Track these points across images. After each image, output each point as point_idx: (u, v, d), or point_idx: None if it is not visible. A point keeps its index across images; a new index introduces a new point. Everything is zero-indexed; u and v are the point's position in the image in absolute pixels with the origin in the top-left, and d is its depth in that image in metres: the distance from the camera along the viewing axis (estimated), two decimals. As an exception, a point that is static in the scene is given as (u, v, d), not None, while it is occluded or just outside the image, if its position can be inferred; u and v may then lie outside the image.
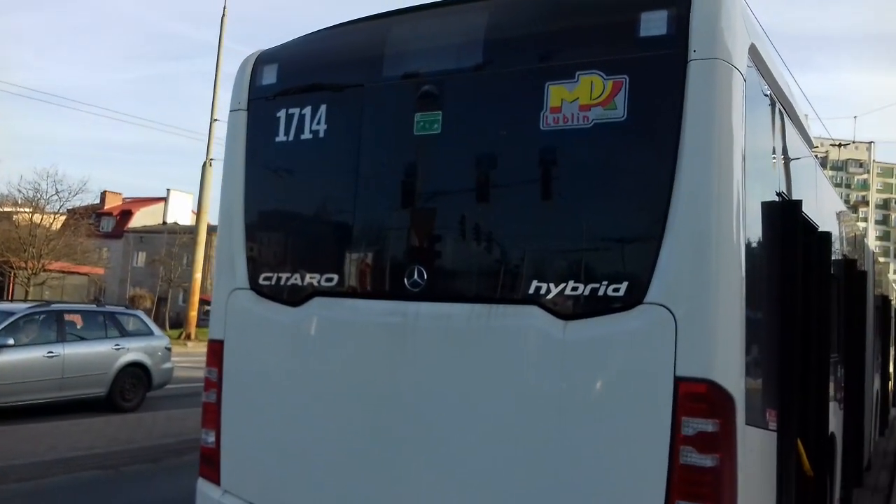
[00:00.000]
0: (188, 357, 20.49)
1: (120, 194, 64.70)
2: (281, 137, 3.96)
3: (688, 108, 3.00)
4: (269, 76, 4.10)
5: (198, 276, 27.00)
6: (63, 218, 39.21)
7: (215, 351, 4.07)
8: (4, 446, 8.23)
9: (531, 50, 3.43)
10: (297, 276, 3.83)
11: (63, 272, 34.55)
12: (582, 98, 3.20)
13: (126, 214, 61.64)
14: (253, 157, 4.09)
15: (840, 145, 40.17)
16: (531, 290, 3.20)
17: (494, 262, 3.42)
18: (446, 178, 3.57)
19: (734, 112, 3.05)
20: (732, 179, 3.02)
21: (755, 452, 3.19)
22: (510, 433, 3.21)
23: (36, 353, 10.70)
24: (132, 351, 11.93)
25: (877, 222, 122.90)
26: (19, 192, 38.34)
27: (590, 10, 3.40)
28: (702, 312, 2.94)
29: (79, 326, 11.69)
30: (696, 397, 2.88)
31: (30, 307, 11.47)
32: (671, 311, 2.93)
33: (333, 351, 3.69)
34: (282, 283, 3.87)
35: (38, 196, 37.28)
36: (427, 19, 3.79)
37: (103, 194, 60.62)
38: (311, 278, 3.78)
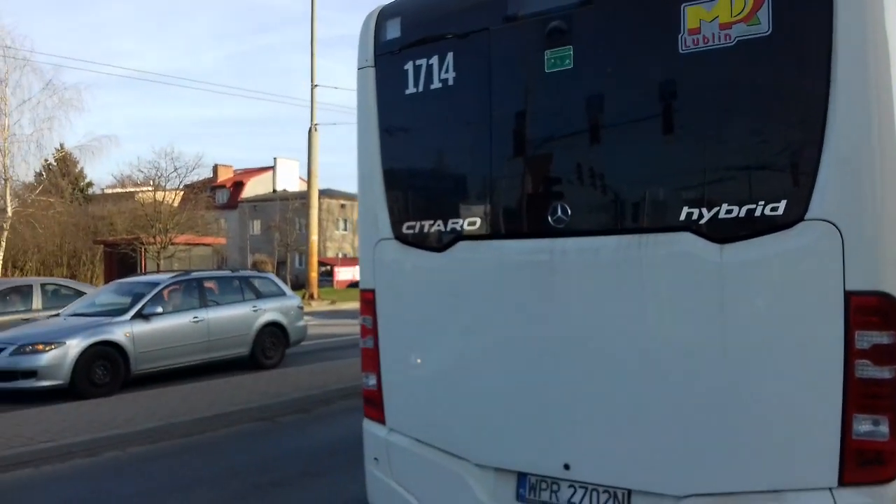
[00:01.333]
0: (314, 316, 21.39)
1: (231, 167, 67.27)
2: (411, 89, 4.04)
3: (838, 15, 2.88)
4: (394, 30, 4.17)
5: (314, 238, 27.89)
6: (181, 194, 41.29)
7: (368, 300, 4.26)
8: (166, 406, 8.95)
9: None
10: (440, 222, 3.95)
11: (189, 244, 36.52)
12: (722, 16, 3.12)
13: (238, 185, 64.19)
14: (385, 111, 4.20)
15: None
16: (682, 217, 3.18)
17: (639, 191, 3.41)
18: (583, 114, 3.57)
19: (887, 18, 2.90)
20: (891, 88, 2.89)
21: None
22: (671, 365, 3.24)
23: (183, 319, 11.48)
24: (269, 311, 12.61)
25: None
26: (140, 171, 40.59)
27: None
28: (868, 224, 2.86)
29: (217, 292, 12.41)
30: (870, 310, 2.83)
31: (173, 277, 12.24)
32: (836, 226, 2.87)
33: (483, 291, 3.79)
34: (425, 230, 4.00)
35: (159, 174, 39.37)
36: None
37: (215, 168, 63.14)
38: (454, 223, 3.89)
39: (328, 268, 47.72)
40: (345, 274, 48.07)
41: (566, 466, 3.52)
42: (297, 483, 6.31)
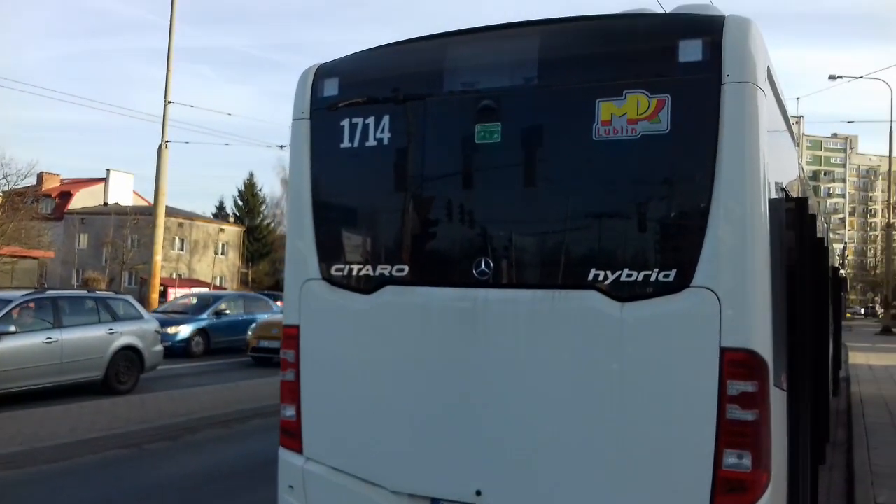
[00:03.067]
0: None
1: (58, 175, 63.12)
2: (346, 144, 4.41)
3: (724, 122, 3.58)
4: (331, 88, 4.53)
5: (158, 258, 26.85)
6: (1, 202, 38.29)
7: (291, 335, 4.54)
8: (23, 430, 8.53)
9: (582, 70, 3.96)
10: (369, 267, 4.32)
11: (14, 256, 33.88)
12: (630, 113, 3.75)
13: (65, 196, 60.28)
14: (318, 161, 4.52)
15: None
16: (590, 277, 3.75)
17: (555, 253, 3.97)
18: (507, 181, 4.08)
19: (760, 125, 3.64)
20: (759, 182, 3.62)
21: (776, 409, 3.84)
22: (575, 402, 3.76)
23: (35, 339, 10.94)
24: (125, 335, 12.23)
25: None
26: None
27: (634, 37, 3.94)
28: (740, 293, 3.54)
29: (72, 312, 11.88)
30: (739, 363, 3.50)
31: (26, 294, 11.62)
32: (715, 293, 3.53)
33: (407, 331, 4.18)
34: (354, 273, 4.35)
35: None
36: (483, 40, 4.29)
37: (40, 175, 58.95)
38: (383, 269, 4.27)
39: (163, 288, 45.72)
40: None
41: (478, 493, 3.96)
42: (180, 511, 6.32)
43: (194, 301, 20.69)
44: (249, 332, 17.90)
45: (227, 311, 20.22)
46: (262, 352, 16.98)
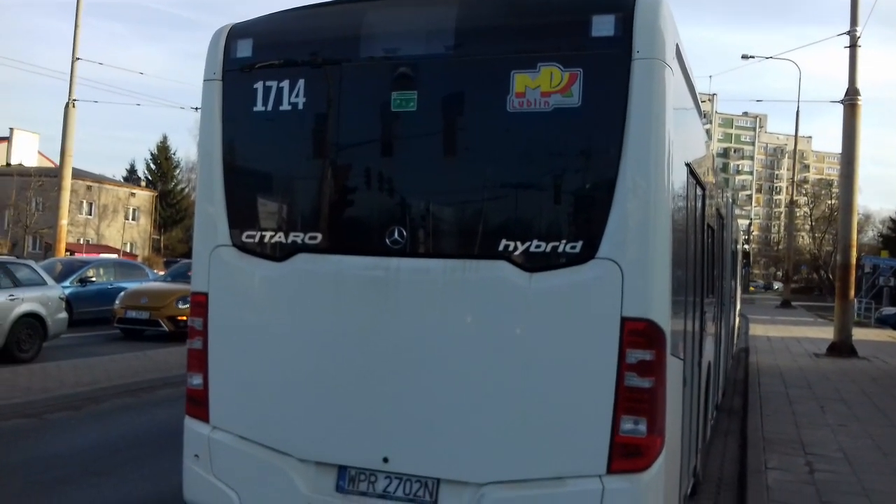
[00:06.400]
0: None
1: (-48, 132, 59.74)
2: (259, 107, 4.32)
3: (632, 98, 3.67)
4: (244, 49, 4.41)
5: (63, 222, 25.75)
6: None
7: (199, 302, 4.44)
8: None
9: (498, 41, 3.97)
10: (281, 234, 4.26)
11: None
12: (543, 86, 3.80)
13: (-38, 154, 57.15)
14: (230, 124, 4.41)
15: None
16: (500, 248, 3.81)
17: (467, 223, 4.01)
18: (422, 151, 4.08)
19: (667, 102, 3.75)
20: (664, 158, 3.74)
21: (672, 376, 4.01)
22: (482, 370, 3.83)
23: (-73, 306, 10.35)
24: (27, 301, 11.73)
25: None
26: None
27: (549, 9, 3.98)
28: (642, 265, 3.67)
29: (-32, 277, 11.31)
30: (638, 332, 3.63)
31: (-83, 258, 10.95)
32: (618, 264, 3.65)
33: (319, 299, 4.16)
34: (265, 240, 4.29)
35: None
36: (402, 7, 4.25)
37: (-68, 131, 55.77)
38: (295, 236, 4.22)
39: (69, 254, 44.02)
40: (88, 262, 44.52)
41: (385, 459, 4.00)
42: (83, 481, 6.15)
43: (60, 267, 18.75)
44: (117, 302, 16.24)
45: (94, 279, 18.74)
46: (131, 323, 15.63)
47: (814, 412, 9.84)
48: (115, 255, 43.94)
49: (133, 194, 62.88)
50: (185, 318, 13.52)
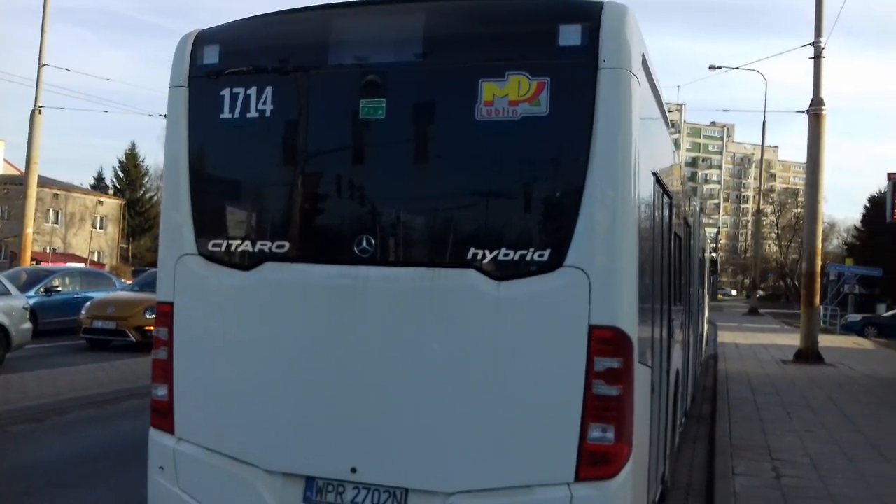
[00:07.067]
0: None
1: (-85, 139, 58.54)
2: (226, 115, 4.28)
3: (599, 107, 3.69)
4: (211, 56, 4.37)
5: (29, 231, 25.31)
6: None
7: (164, 312, 4.38)
8: None
9: (466, 49, 3.98)
10: (248, 242, 4.22)
11: None
12: (511, 94, 3.81)
13: (-76, 161, 56.02)
14: (196, 131, 4.36)
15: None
16: (469, 256, 3.81)
17: (436, 232, 3.99)
18: (390, 158, 4.07)
19: (633, 111, 3.78)
20: (630, 167, 3.76)
21: (640, 384, 4.03)
22: (451, 379, 3.82)
23: None
24: (-11, 311, 11.48)
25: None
26: None
27: (517, 18, 3.99)
28: (609, 273, 3.68)
29: (-72, 287, 11.05)
30: (605, 340, 3.65)
31: None
32: (586, 273, 3.66)
33: (286, 308, 4.12)
34: (232, 249, 4.24)
35: None
36: (370, 14, 4.24)
37: None
38: (262, 245, 4.18)
39: (35, 263, 43.27)
40: (54, 271, 43.75)
41: (353, 470, 3.96)
42: (46, 494, 6.03)
43: (25, 276, 18.43)
44: (83, 312, 15.90)
45: (60, 289, 18.47)
46: (97, 333, 15.30)
47: (781, 418, 9.96)
48: (81, 265, 43.24)
49: (101, 202, 62.06)
50: (152, 328, 13.35)
